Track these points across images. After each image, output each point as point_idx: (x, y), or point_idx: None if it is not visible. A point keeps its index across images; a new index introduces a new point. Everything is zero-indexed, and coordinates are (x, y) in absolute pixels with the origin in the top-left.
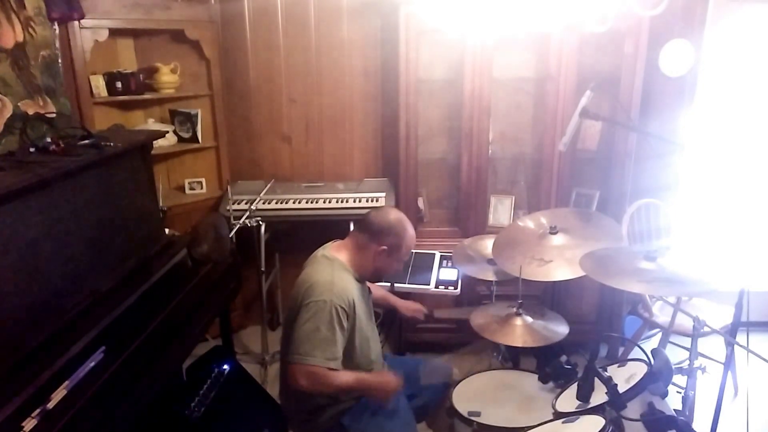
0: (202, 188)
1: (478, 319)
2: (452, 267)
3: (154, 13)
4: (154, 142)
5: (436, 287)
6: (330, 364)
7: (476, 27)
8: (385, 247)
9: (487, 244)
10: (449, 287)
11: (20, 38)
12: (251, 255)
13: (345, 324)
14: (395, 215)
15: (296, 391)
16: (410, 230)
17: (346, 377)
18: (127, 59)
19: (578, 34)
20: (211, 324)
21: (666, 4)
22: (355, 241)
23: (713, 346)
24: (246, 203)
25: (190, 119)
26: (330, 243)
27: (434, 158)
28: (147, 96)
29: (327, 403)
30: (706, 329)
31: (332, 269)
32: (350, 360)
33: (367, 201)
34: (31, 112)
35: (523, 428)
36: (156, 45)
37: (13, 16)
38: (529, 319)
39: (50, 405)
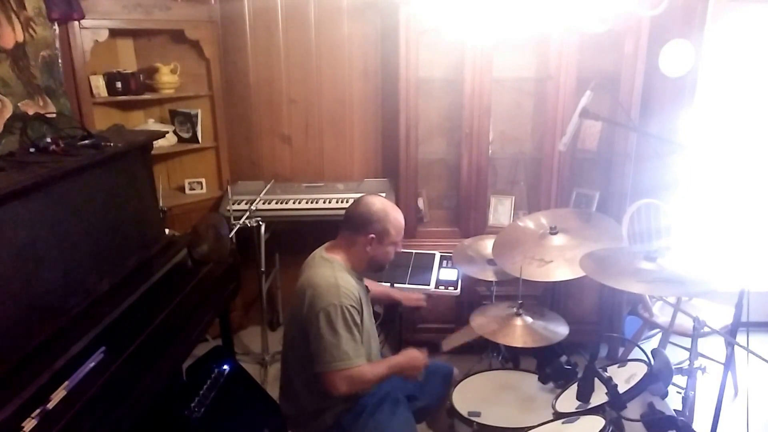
0: (202, 188)
1: (478, 319)
2: (452, 267)
3: (154, 13)
4: (154, 142)
5: (436, 287)
6: (360, 362)
7: (476, 27)
8: (372, 235)
9: (487, 245)
10: (449, 287)
11: (20, 38)
12: (251, 255)
13: (358, 320)
14: (372, 201)
15: (295, 394)
16: (392, 212)
17: (378, 368)
18: (127, 59)
19: (578, 34)
20: (211, 324)
21: (666, 4)
22: (344, 239)
23: (713, 347)
24: (246, 203)
25: (190, 119)
26: (326, 244)
27: (434, 158)
28: (147, 96)
29: (327, 406)
30: (706, 329)
31: (333, 271)
32: None
33: None
34: (31, 112)
35: (523, 428)
36: (156, 45)
37: (13, 16)
38: (529, 319)
39: (50, 405)
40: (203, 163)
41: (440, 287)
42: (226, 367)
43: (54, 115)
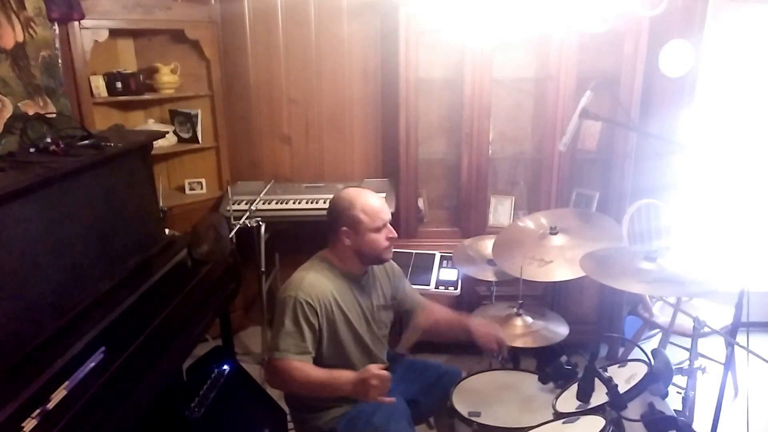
0: (202, 188)
1: (478, 319)
2: (452, 267)
3: (154, 13)
4: (154, 142)
5: (436, 287)
6: (290, 357)
7: (476, 27)
8: (344, 228)
9: (487, 245)
10: (449, 287)
11: (20, 38)
12: (251, 255)
13: (313, 320)
14: (338, 194)
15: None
16: (360, 198)
17: (315, 373)
18: (127, 59)
19: (578, 34)
20: (211, 324)
21: (666, 4)
22: (329, 240)
23: (713, 347)
24: (246, 203)
25: (190, 119)
26: None
27: (434, 158)
28: (147, 96)
29: (322, 407)
30: (706, 329)
31: (311, 268)
32: (323, 359)
33: None
34: (31, 112)
35: (523, 428)
36: (156, 45)
37: (13, 16)
38: (530, 319)
39: (50, 405)
40: (203, 163)
41: (440, 287)
42: (226, 367)
43: (54, 115)
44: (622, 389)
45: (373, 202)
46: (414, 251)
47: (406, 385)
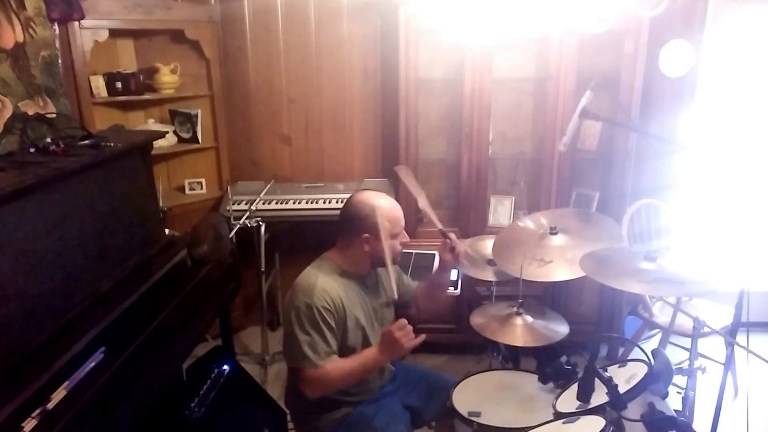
0: (202, 188)
1: (478, 318)
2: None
3: (154, 13)
4: (154, 142)
5: None
6: (322, 363)
7: (476, 27)
8: (366, 234)
9: (487, 245)
10: (449, 287)
11: (20, 38)
12: (251, 255)
13: (332, 322)
14: (358, 198)
15: (293, 392)
16: (382, 203)
17: (346, 363)
18: (127, 59)
19: (578, 34)
20: (211, 324)
21: (666, 4)
22: (341, 241)
23: (713, 347)
24: (246, 203)
25: (190, 119)
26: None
27: (434, 158)
28: (147, 96)
29: (323, 410)
30: (706, 329)
31: (319, 270)
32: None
33: None
34: (31, 112)
35: (523, 428)
36: (156, 45)
37: (13, 16)
38: (530, 318)
39: (50, 405)
40: (203, 163)
41: None
42: (226, 367)
43: (54, 115)
44: (622, 389)
45: (393, 208)
46: (414, 251)
47: (406, 391)
